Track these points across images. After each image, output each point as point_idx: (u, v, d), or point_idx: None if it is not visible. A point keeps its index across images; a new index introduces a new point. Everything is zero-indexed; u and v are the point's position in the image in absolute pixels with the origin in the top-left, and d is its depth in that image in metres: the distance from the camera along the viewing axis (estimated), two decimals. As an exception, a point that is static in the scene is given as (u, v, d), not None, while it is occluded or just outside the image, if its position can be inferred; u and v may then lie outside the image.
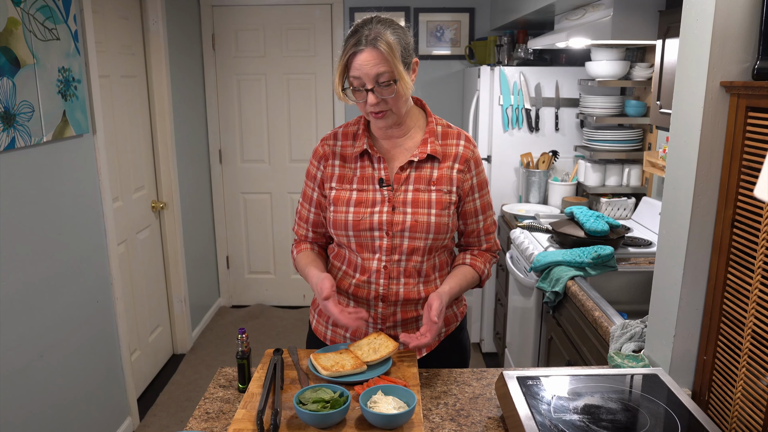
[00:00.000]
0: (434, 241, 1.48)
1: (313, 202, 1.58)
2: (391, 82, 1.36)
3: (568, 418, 1.14)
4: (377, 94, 1.37)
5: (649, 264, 2.31)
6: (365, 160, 1.51)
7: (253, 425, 1.17)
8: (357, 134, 1.54)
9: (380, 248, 1.47)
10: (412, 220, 1.45)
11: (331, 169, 1.54)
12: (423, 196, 1.46)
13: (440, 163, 1.48)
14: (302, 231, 1.62)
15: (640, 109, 2.97)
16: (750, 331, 1.17)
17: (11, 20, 2.00)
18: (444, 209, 1.47)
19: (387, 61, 1.34)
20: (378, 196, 1.47)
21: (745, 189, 1.20)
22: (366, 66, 1.34)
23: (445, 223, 1.47)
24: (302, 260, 1.58)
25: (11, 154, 2.03)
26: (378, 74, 1.35)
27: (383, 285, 1.49)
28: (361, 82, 1.37)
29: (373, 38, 1.34)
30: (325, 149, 1.56)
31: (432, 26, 4.13)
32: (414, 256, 1.48)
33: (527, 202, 3.38)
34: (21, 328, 2.09)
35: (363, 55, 1.34)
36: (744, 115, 1.19)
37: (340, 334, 1.59)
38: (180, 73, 3.71)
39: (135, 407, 2.98)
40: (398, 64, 1.35)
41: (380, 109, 1.40)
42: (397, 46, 1.36)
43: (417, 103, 1.56)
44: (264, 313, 4.39)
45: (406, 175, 1.48)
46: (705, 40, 1.24)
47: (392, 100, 1.39)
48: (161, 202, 3.51)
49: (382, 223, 1.45)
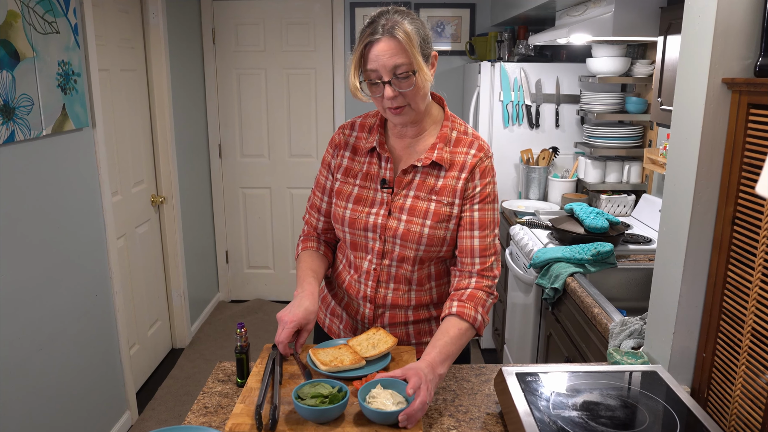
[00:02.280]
0: (426, 252, 1.41)
1: (326, 191, 1.53)
2: (410, 73, 1.28)
3: (566, 415, 1.14)
4: (395, 87, 1.30)
5: (648, 261, 2.31)
6: (374, 156, 1.46)
7: (252, 420, 1.17)
8: (373, 127, 1.48)
9: (372, 250, 1.45)
10: (404, 228, 1.39)
11: (341, 159, 1.49)
12: (421, 205, 1.40)
13: (446, 172, 1.40)
14: (313, 220, 1.57)
15: (641, 106, 2.96)
16: (750, 328, 1.17)
17: (11, 13, 1.99)
18: (441, 222, 1.39)
19: (405, 51, 1.26)
20: (378, 197, 1.43)
21: (746, 186, 1.19)
22: (383, 56, 1.27)
23: (440, 235, 1.40)
24: (302, 262, 1.51)
25: (10, 147, 2.02)
26: (395, 65, 1.27)
27: (371, 287, 1.47)
28: (377, 75, 1.29)
29: (390, 27, 1.27)
30: (340, 138, 1.51)
31: (433, 21, 4.12)
32: (404, 264, 1.43)
33: (527, 199, 3.38)
34: (20, 322, 2.09)
35: (379, 45, 1.27)
36: (745, 112, 1.19)
37: (335, 325, 1.60)
38: (180, 67, 3.70)
39: (134, 401, 2.98)
40: (417, 55, 1.28)
41: (398, 104, 1.32)
42: (416, 36, 1.28)
43: (437, 101, 1.48)
44: (263, 308, 4.39)
45: (408, 180, 1.42)
46: (707, 36, 1.23)
47: (410, 93, 1.31)
48: (161, 197, 3.50)
49: (376, 226, 1.42)
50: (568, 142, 3.41)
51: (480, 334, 1.41)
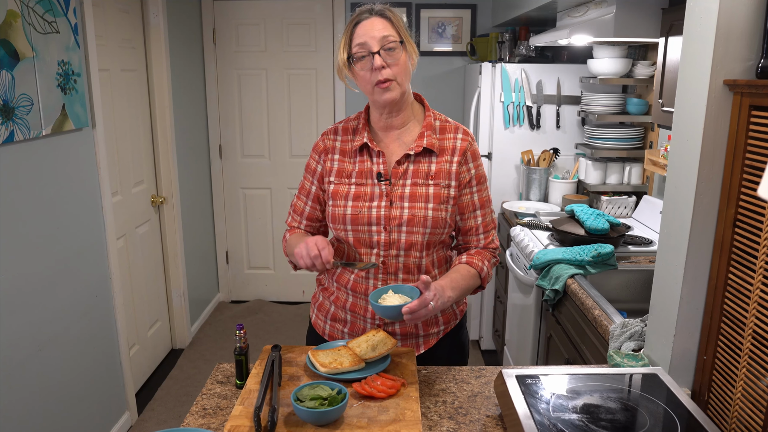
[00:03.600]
0: (431, 235, 1.47)
1: (310, 196, 1.59)
2: (398, 43, 1.39)
3: (566, 418, 1.13)
4: (383, 57, 1.38)
5: (649, 263, 2.31)
6: (364, 154, 1.51)
7: (251, 422, 1.16)
8: (357, 129, 1.54)
9: (378, 243, 1.47)
10: (409, 214, 1.44)
11: (331, 163, 1.54)
12: (421, 191, 1.46)
13: (438, 157, 1.48)
14: (295, 224, 1.62)
15: (642, 107, 2.95)
16: (751, 331, 1.16)
17: (10, 12, 1.99)
18: (442, 203, 1.46)
19: (393, 26, 1.40)
20: (376, 191, 1.47)
21: (748, 188, 1.19)
22: (372, 30, 1.38)
23: (442, 217, 1.46)
24: (294, 237, 1.56)
25: (10, 147, 2.02)
26: (384, 36, 1.38)
27: (381, 280, 1.49)
28: (366, 48, 1.39)
29: (380, 9, 1.41)
30: (325, 143, 1.57)
31: (433, 22, 4.12)
32: (412, 251, 1.47)
33: (528, 200, 3.37)
34: (19, 323, 2.08)
35: (368, 21, 1.40)
36: (747, 114, 1.18)
37: (338, 329, 1.59)
38: (180, 67, 3.70)
39: (133, 402, 2.97)
40: (404, 32, 1.41)
41: (385, 76, 1.39)
42: (402, 22, 1.42)
43: (416, 98, 1.57)
44: (263, 309, 4.39)
45: (403, 170, 1.47)
46: (708, 37, 1.23)
47: (397, 68, 1.40)
48: (161, 197, 3.50)
49: (380, 218, 1.45)
50: (569, 143, 3.41)
51: (484, 287, 1.54)
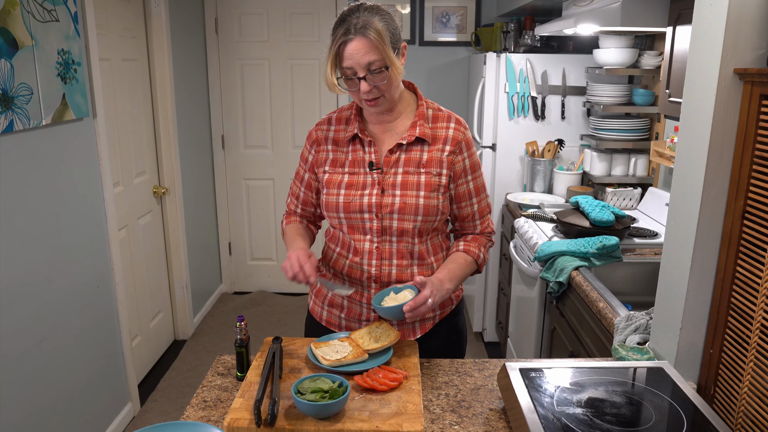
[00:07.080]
0: (423, 223, 1.48)
1: (303, 182, 1.63)
2: (383, 68, 1.38)
3: (571, 412, 1.12)
4: (369, 82, 1.39)
5: (654, 255, 2.29)
6: (356, 143, 1.53)
7: (251, 415, 1.15)
8: (349, 119, 1.56)
9: (371, 230, 1.50)
10: (400, 203, 1.46)
11: (325, 154, 1.56)
12: (412, 179, 1.47)
13: (430, 146, 1.49)
14: (292, 206, 1.68)
15: (648, 98, 2.92)
16: (759, 324, 1.14)
17: (9, 0, 1.97)
18: (433, 191, 1.47)
19: (377, 48, 1.36)
20: (368, 179, 1.49)
21: (757, 180, 1.17)
22: (357, 55, 1.36)
23: (434, 205, 1.48)
24: (288, 231, 1.62)
25: (9, 137, 2.01)
26: (369, 62, 1.36)
27: (375, 266, 1.51)
28: (353, 71, 1.38)
29: (362, 26, 1.35)
30: (318, 134, 1.59)
31: (438, 12, 4.08)
32: (404, 237, 1.50)
33: (532, 191, 3.35)
34: (20, 314, 2.08)
35: (353, 44, 1.36)
36: (758, 104, 1.16)
37: (335, 315, 1.61)
38: (182, 57, 3.68)
39: (135, 393, 2.98)
40: (388, 51, 1.37)
41: (373, 96, 1.42)
42: (386, 33, 1.37)
43: (408, 87, 1.57)
44: (266, 300, 4.38)
45: (395, 158, 1.49)
46: (719, 25, 1.20)
47: (384, 86, 1.41)
48: (163, 188, 3.49)
49: (371, 206, 1.47)
50: (574, 135, 3.38)
51: (480, 271, 1.59)
